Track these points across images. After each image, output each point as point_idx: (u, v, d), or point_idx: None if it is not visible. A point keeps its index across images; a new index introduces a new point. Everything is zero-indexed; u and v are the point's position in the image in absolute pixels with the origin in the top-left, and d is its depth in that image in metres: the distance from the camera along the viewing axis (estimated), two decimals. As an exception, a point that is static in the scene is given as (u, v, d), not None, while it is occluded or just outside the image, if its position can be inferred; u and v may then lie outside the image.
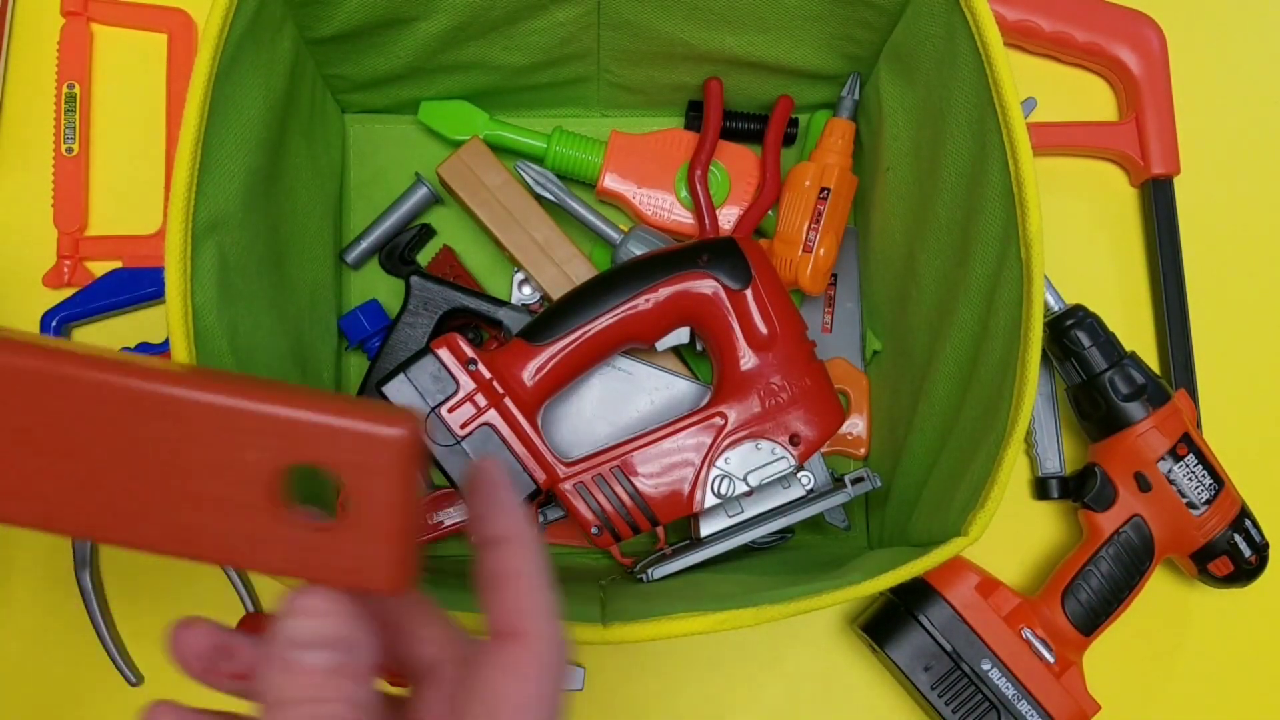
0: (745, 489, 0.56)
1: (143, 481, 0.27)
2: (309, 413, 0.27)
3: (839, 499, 0.58)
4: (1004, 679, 0.59)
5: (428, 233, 0.66)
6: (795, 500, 0.58)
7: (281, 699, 0.26)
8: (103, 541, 0.24)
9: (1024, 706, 0.58)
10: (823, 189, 0.61)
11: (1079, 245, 0.69)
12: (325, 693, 0.25)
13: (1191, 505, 0.60)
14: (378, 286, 0.66)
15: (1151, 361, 0.66)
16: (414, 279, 0.61)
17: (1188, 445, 0.60)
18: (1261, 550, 0.61)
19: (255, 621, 0.62)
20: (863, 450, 0.65)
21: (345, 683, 0.26)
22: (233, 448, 0.27)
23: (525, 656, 0.28)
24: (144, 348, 0.64)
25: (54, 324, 0.64)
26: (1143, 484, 0.61)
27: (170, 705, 0.30)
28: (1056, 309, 0.62)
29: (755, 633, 0.64)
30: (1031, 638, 0.59)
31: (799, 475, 0.58)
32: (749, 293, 0.56)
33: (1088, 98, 0.71)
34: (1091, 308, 0.62)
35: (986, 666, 0.59)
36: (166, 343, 0.63)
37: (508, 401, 0.56)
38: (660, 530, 0.58)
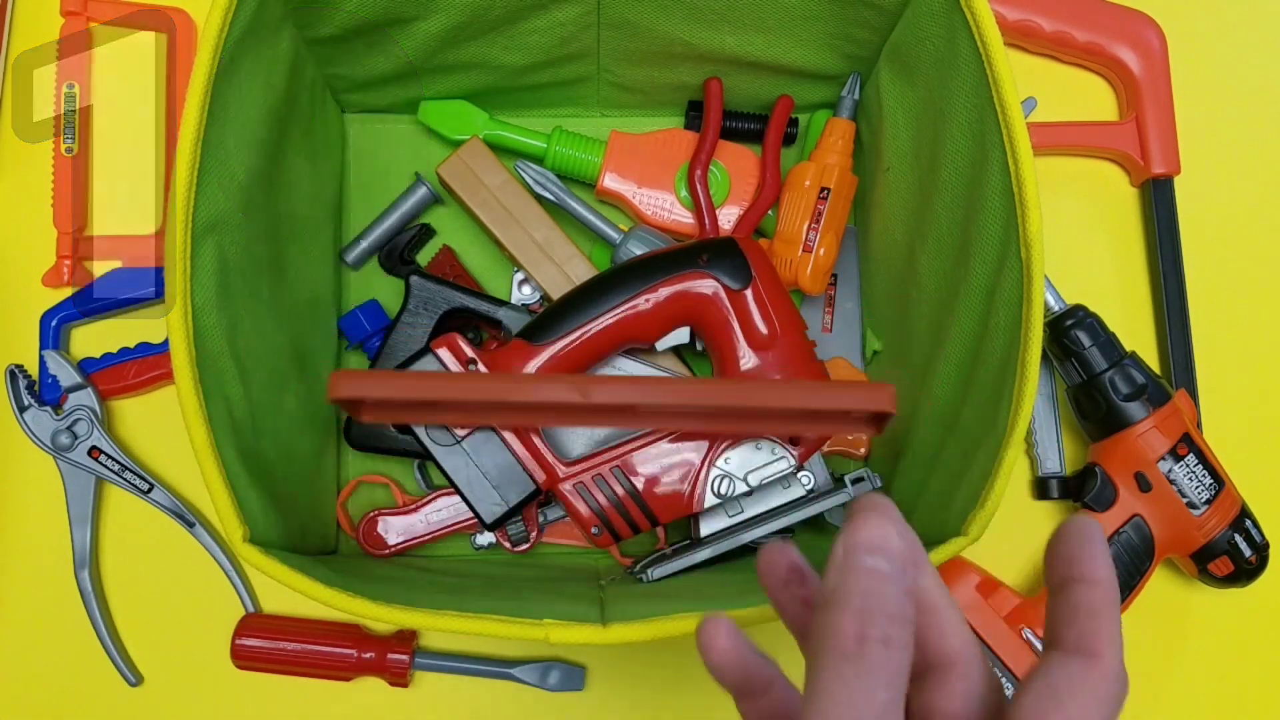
0: (745, 489, 0.56)
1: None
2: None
3: (839, 499, 0.58)
4: (1004, 679, 0.59)
5: (427, 233, 0.66)
6: (795, 500, 0.58)
7: (841, 594, 0.28)
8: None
9: (1024, 706, 0.58)
10: (823, 189, 0.61)
11: (1079, 245, 0.69)
12: (884, 592, 0.27)
13: (1192, 505, 0.60)
14: (378, 286, 0.66)
15: (1152, 361, 0.66)
16: (414, 279, 0.61)
17: (1188, 445, 0.60)
18: (1262, 550, 0.61)
19: (257, 621, 0.62)
20: (863, 450, 0.65)
21: (898, 591, 0.28)
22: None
23: (1095, 676, 0.29)
24: (144, 348, 0.64)
25: (54, 324, 0.64)
26: (1143, 484, 0.60)
27: (729, 623, 0.32)
28: (1057, 309, 0.62)
29: (756, 633, 0.64)
30: (1031, 638, 0.59)
31: (799, 475, 0.58)
32: (749, 293, 0.56)
33: (1088, 97, 0.70)
34: (1092, 307, 0.62)
35: (986, 666, 0.59)
36: (166, 343, 0.63)
37: (508, 401, 0.56)
38: (660, 530, 0.58)
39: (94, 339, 0.65)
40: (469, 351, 0.55)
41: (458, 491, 0.57)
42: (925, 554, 0.31)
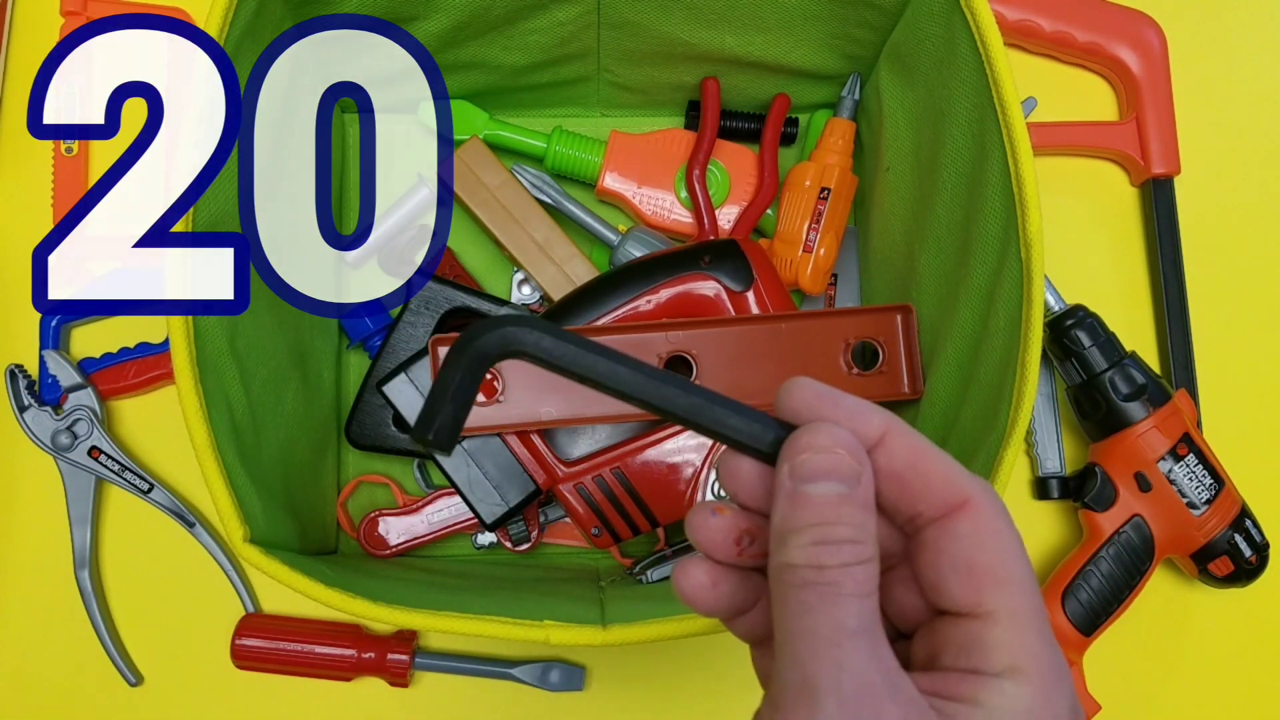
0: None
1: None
2: (866, 314, 0.56)
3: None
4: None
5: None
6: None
7: (790, 528, 0.27)
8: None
9: (1024, 706, 0.58)
10: (823, 189, 0.61)
11: (1079, 245, 0.69)
12: (832, 517, 0.26)
13: (1192, 505, 0.60)
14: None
15: (1152, 361, 0.66)
16: (415, 278, 0.61)
17: (1188, 445, 0.60)
18: (1262, 550, 0.61)
19: (257, 621, 0.62)
20: (863, 450, 0.64)
21: (852, 510, 0.27)
22: (830, 338, 0.55)
23: (982, 519, 0.28)
24: (144, 348, 0.64)
25: (54, 324, 0.64)
26: (1143, 484, 0.60)
27: (699, 561, 0.30)
28: (1057, 309, 0.62)
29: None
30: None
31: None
32: (750, 294, 0.56)
33: (1088, 97, 0.70)
34: (1092, 307, 0.62)
35: (986, 666, 0.59)
36: (166, 343, 0.63)
37: (508, 402, 0.56)
38: (660, 531, 0.58)
39: (94, 339, 0.65)
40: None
41: (458, 491, 0.57)
42: (879, 421, 0.28)
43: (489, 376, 0.54)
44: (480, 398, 0.54)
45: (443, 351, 0.55)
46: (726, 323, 0.55)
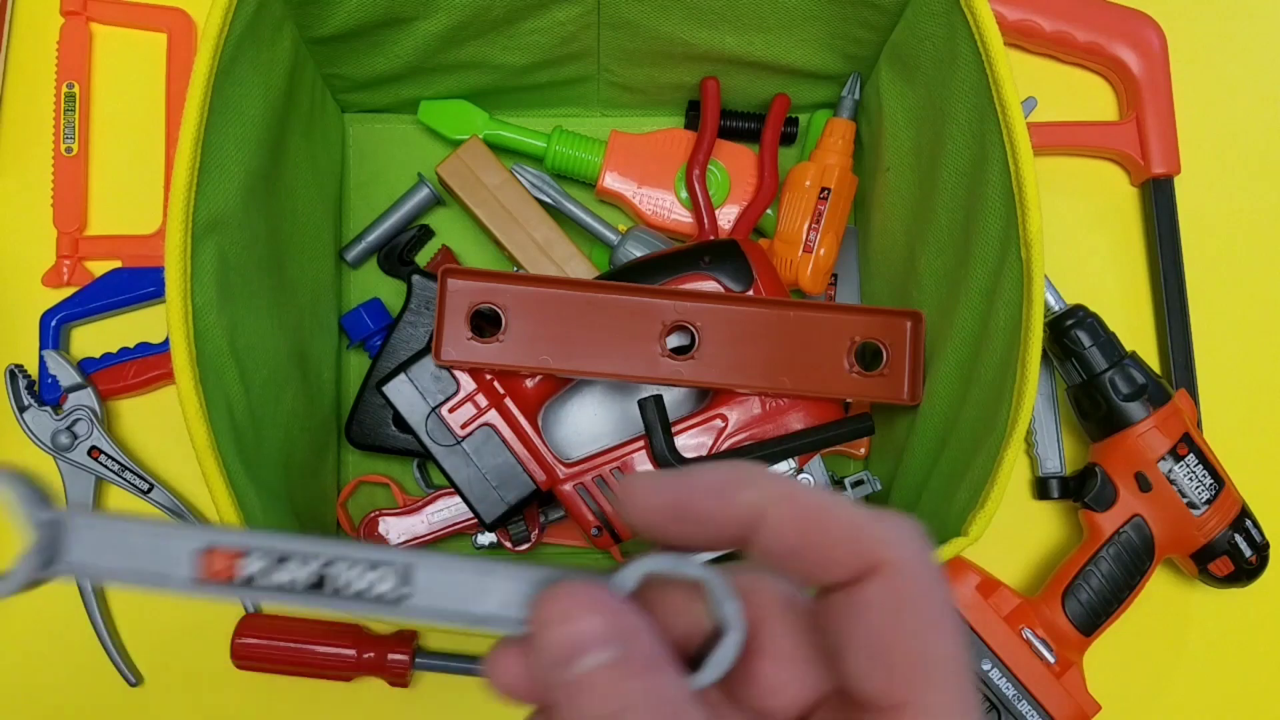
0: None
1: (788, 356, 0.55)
2: (876, 315, 0.55)
3: (839, 499, 0.57)
4: (1004, 679, 0.59)
5: (427, 234, 0.66)
6: (795, 500, 0.58)
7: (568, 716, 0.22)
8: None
9: (1024, 707, 0.58)
10: (823, 189, 0.61)
11: (1079, 245, 0.69)
12: (623, 701, 0.21)
13: (1192, 505, 0.60)
14: (378, 286, 0.66)
15: (1152, 361, 0.66)
16: (416, 278, 0.61)
17: (1188, 445, 0.60)
18: (1262, 550, 0.61)
19: (256, 621, 0.62)
20: (863, 451, 0.65)
21: (639, 681, 0.22)
22: (835, 334, 0.55)
23: (899, 584, 0.22)
24: (143, 348, 0.64)
25: (53, 324, 0.64)
26: (1143, 484, 0.60)
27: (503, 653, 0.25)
28: (1057, 309, 0.62)
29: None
30: (1032, 638, 0.59)
31: (799, 478, 0.58)
32: (750, 294, 0.56)
33: (1088, 97, 0.70)
34: (1092, 307, 0.62)
35: (987, 667, 0.59)
36: (166, 343, 0.63)
37: (508, 402, 0.56)
38: (660, 530, 0.58)
39: (94, 339, 0.65)
40: (469, 351, 0.55)
41: (458, 491, 0.57)
42: (751, 499, 0.23)
43: (494, 316, 0.54)
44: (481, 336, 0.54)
45: (451, 281, 0.55)
46: (735, 300, 0.55)
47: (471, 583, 0.24)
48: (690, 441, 0.56)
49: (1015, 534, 0.66)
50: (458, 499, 0.61)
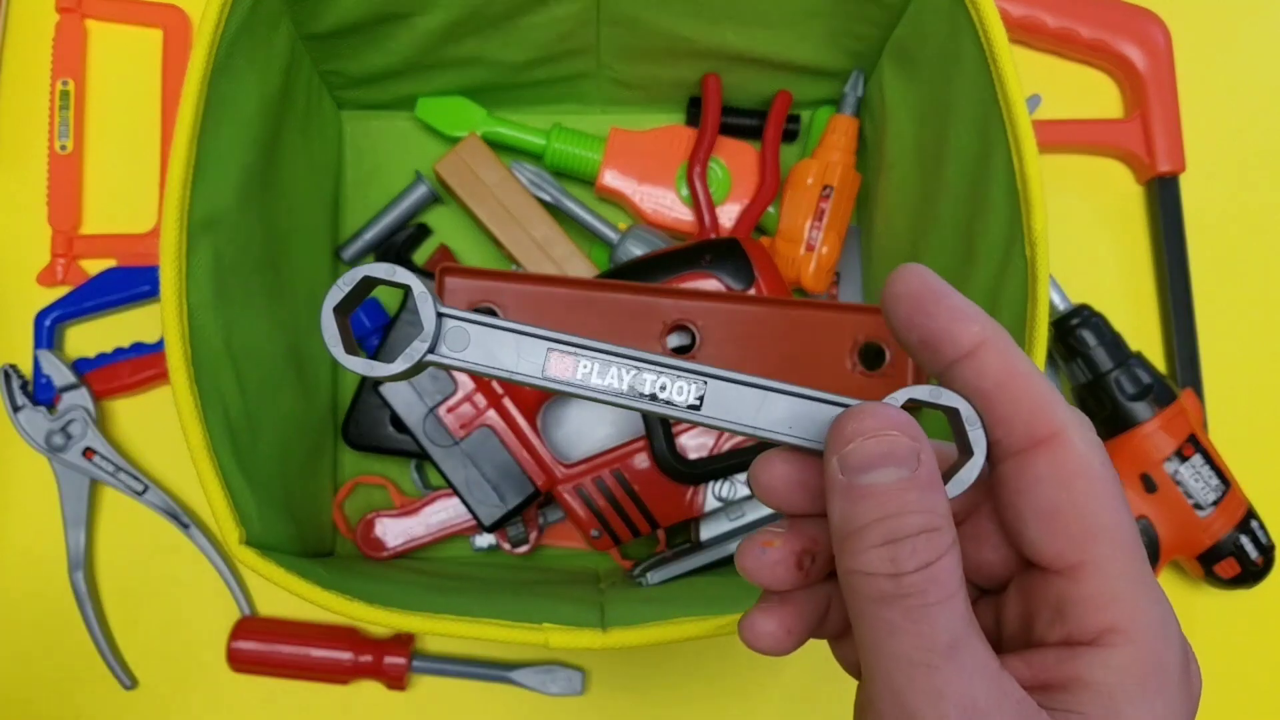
0: (747, 493, 0.56)
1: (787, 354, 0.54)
2: (877, 313, 0.49)
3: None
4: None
5: (424, 232, 0.65)
6: (797, 502, 0.57)
7: (853, 528, 0.24)
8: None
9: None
10: (825, 187, 0.61)
11: (1084, 244, 0.69)
12: (897, 508, 0.24)
13: (1198, 506, 0.59)
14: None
15: (1157, 361, 0.65)
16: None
17: (1194, 446, 0.60)
18: (1268, 552, 0.60)
19: (252, 624, 0.61)
20: (865, 451, 0.64)
21: (918, 495, 0.24)
22: (837, 334, 0.55)
23: (1069, 455, 0.25)
24: (138, 348, 0.64)
25: (48, 323, 0.63)
26: (1149, 485, 0.60)
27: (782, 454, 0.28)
28: (1062, 308, 0.62)
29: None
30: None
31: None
32: (751, 293, 0.56)
33: (1093, 95, 0.70)
34: (1097, 307, 0.61)
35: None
36: (161, 342, 0.62)
37: (507, 402, 0.55)
38: (661, 533, 0.57)
39: (88, 338, 0.65)
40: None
41: (456, 493, 0.56)
42: (975, 332, 0.26)
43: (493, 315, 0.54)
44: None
45: (449, 280, 0.54)
46: (736, 299, 0.55)
47: (754, 399, 0.28)
48: (691, 442, 0.56)
49: (1019, 535, 0.66)
50: (456, 500, 0.61)
